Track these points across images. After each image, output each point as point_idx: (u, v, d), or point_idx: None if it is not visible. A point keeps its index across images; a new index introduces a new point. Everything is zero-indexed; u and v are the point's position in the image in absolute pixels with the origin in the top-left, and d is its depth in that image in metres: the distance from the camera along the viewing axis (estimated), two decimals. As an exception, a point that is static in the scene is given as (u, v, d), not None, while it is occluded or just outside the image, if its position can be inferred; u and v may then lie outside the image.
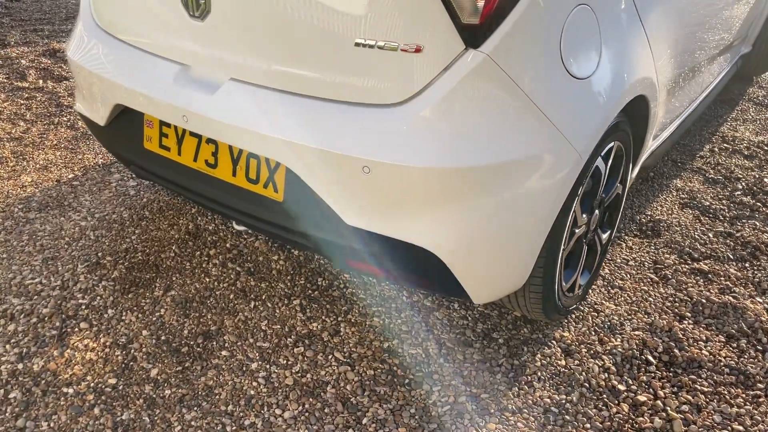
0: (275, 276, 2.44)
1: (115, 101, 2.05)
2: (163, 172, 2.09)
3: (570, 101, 1.65)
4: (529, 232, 1.71)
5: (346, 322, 2.21)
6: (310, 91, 1.66)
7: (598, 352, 2.09)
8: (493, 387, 1.96)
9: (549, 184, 1.67)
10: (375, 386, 1.96)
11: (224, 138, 1.80)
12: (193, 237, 2.65)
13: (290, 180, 1.77)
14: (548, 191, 1.68)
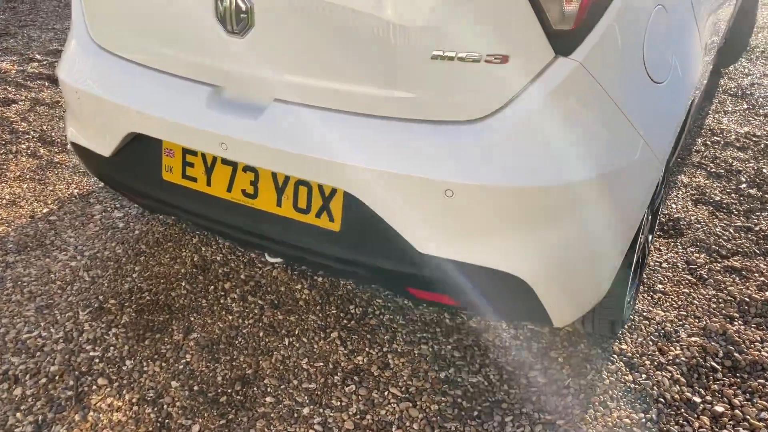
0: (303, 307, 2.25)
1: (129, 129, 1.83)
2: (187, 204, 1.87)
3: (651, 108, 1.56)
4: (613, 245, 1.61)
5: (393, 353, 2.05)
6: (375, 111, 1.50)
7: (662, 363, 2.01)
8: (567, 411, 1.85)
9: (635, 195, 1.57)
10: (443, 422, 1.81)
11: (273, 165, 1.61)
12: (202, 270, 2.43)
13: (349, 208, 1.61)
14: (634, 202, 1.58)
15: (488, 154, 1.41)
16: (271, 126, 1.59)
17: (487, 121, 1.42)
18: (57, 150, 3.36)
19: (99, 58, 1.90)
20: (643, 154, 1.53)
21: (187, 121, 1.70)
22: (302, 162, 1.56)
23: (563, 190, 1.42)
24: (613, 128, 1.46)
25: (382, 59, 1.45)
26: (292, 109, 1.58)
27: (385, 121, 1.49)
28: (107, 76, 1.86)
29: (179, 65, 1.73)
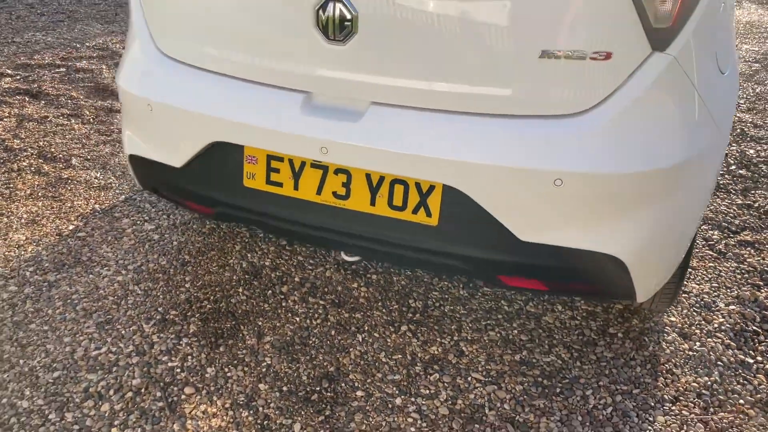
0: (365, 304, 2.31)
1: (213, 139, 1.85)
2: (270, 209, 1.91)
3: (720, 97, 1.72)
4: (692, 221, 1.76)
5: (464, 341, 2.15)
6: (480, 108, 1.59)
7: (711, 331, 2.20)
8: (640, 381, 1.99)
9: (710, 175, 1.73)
10: (531, 401, 1.92)
11: (375, 166, 1.68)
12: (254, 276, 2.45)
13: (448, 202, 1.69)
14: (710, 182, 1.74)
15: (595, 143, 1.53)
16: (373, 128, 1.66)
17: (592, 113, 1.54)
18: (62, 166, 3.28)
19: (170, 68, 1.91)
20: (715, 140, 1.69)
21: (280, 128, 1.74)
22: (407, 161, 1.63)
23: (660, 174, 1.55)
24: (697, 116, 1.61)
25: (489, 59, 1.54)
26: (394, 111, 1.66)
27: (490, 118, 1.59)
28: (184, 87, 1.88)
29: (265, 74, 1.77)
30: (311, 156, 1.73)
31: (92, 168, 3.28)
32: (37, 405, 1.88)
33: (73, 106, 4.05)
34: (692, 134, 1.60)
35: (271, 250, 2.59)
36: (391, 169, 1.67)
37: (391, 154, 1.65)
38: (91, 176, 3.19)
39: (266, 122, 1.76)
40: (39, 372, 1.99)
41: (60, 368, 2.01)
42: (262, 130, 1.76)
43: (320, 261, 2.54)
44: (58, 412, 1.86)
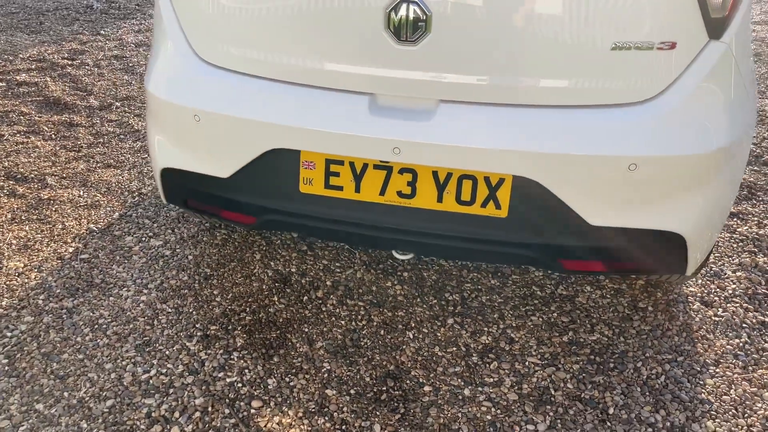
0: (404, 302, 2.33)
1: (270, 146, 1.81)
2: (326, 213, 1.90)
3: (751, 79, 1.87)
4: (733, 196, 1.90)
5: (510, 328, 2.22)
6: (552, 101, 1.66)
7: (728, 297, 2.37)
8: (681, 349, 2.13)
9: (747, 153, 1.88)
10: (591, 378, 2.01)
11: (449, 163, 1.71)
12: (284, 283, 2.41)
13: (518, 193, 1.75)
14: (746, 158, 1.88)
15: (664, 128, 1.63)
16: (446, 126, 1.69)
17: (659, 99, 1.64)
18: (37, 186, 3.08)
19: (214, 76, 1.86)
20: (752, 119, 1.84)
21: (345, 130, 1.73)
22: (481, 155, 1.68)
23: (719, 154, 1.68)
24: (742, 98, 1.75)
25: (562, 53, 1.61)
26: (464, 108, 1.69)
27: (565, 109, 1.66)
28: (234, 94, 1.83)
29: (326, 77, 1.76)
30: (380, 157, 1.74)
31: (72, 186, 3.10)
32: (100, 437, 1.79)
33: (28, 122, 3.80)
34: (740, 115, 1.74)
35: (293, 257, 2.56)
36: (463, 164, 1.71)
37: (465, 150, 1.68)
38: (74, 195, 3.02)
39: (329, 126, 1.75)
40: (89, 403, 1.89)
41: (112, 396, 1.91)
42: (324, 134, 1.75)
43: (347, 263, 2.53)
44: (126, 441, 1.78)
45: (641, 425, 1.85)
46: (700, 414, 1.89)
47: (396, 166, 1.80)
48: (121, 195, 3.03)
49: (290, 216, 1.95)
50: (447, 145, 1.69)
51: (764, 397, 1.95)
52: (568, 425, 1.85)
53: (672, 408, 1.90)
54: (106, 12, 6.38)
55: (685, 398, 1.94)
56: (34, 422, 1.83)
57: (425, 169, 1.78)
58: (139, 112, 4.02)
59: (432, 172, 1.79)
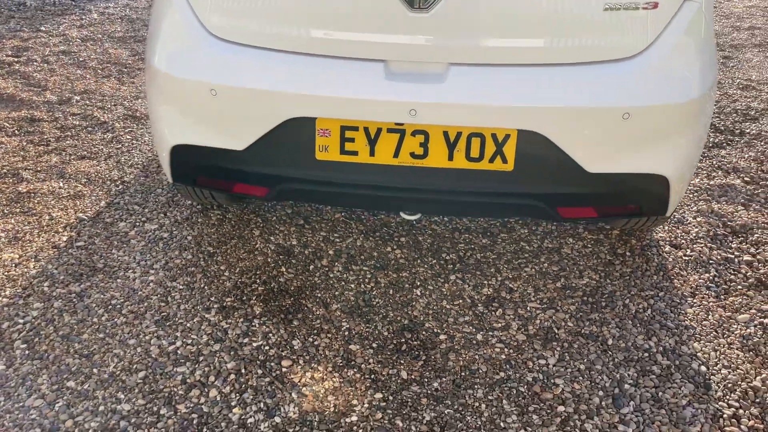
0: (406, 264, 2.47)
1: (287, 116, 1.91)
2: (345, 178, 2.01)
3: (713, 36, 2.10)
4: (704, 141, 2.13)
5: (508, 280, 2.39)
6: (554, 59, 1.83)
7: (693, 239, 2.63)
8: (661, 285, 2.36)
9: (714, 101, 2.11)
10: (587, 316, 2.21)
11: (462, 121, 1.85)
12: (288, 255, 2.50)
13: (523, 147, 1.92)
14: (713, 106, 2.12)
15: (652, 80, 1.83)
16: (458, 87, 1.83)
17: (645, 54, 1.84)
18: (12, 180, 3.03)
19: (227, 50, 1.93)
20: (716, 71, 2.08)
21: (361, 96, 1.85)
22: (492, 112, 1.83)
23: (697, 102, 1.90)
24: (711, 51, 1.98)
25: (562, 15, 1.78)
26: (474, 70, 1.84)
27: (564, 66, 1.83)
28: (249, 68, 1.91)
29: (339, 46, 1.87)
30: (396, 119, 1.87)
31: (49, 179, 3.06)
32: (141, 405, 1.84)
33: (-15, 120, 3.70)
34: (711, 67, 1.96)
35: (291, 231, 2.65)
36: (472, 122, 1.86)
37: (475, 108, 1.84)
38: (54, 187, 2.99)
39: (344, 92, 1.86)
40: (121, 376, 1.94)
41: (143, 368, 1.97)
42: (340, 100, 1.87)
43: (345, 233, 2.65)
44: (168, 406, 1.84)
45: (638, 351, 2.06)
46: (687, 338, 2.12)
47: (409, 128, 1.93)
48: (103, 185, 3.02)
49: (306, 183, 2.05)
50: (458, 104, 1.84)
51: (738, 320, 2.20)
52: (575, 357, 2.04)
53: (662, 335, 2.13)
54: (41, 8, 6.18)
55: (671, 326, 2.17)
56: (68, 398, 1.86)
57: (437, 129, 1.92)
58: (102, 105, 3.97)
59: (443, 132, 1.93)
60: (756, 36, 6.05)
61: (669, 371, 1.98)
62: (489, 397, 1.88)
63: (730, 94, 4.42)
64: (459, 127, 1.90)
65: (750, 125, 3.85)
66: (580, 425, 1.80)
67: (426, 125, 1.91)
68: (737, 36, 6.04)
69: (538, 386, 1.92)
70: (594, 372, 1.98)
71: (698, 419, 1.81)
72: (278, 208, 2.82)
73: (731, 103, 4.25)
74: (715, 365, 2.01)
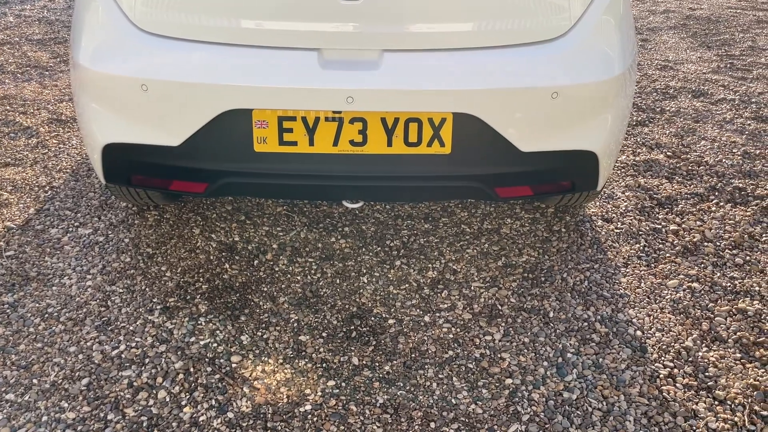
0: (351, 253, 2.49)
1: (222, 108, 1.88)
2: (281, 169, 2.01)
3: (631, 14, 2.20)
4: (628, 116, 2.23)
5: (451, 261, 2.44)
6: (484, 42, 1.88)
7: (623, 213, 2.75)
8: (596, 258, 2.46)
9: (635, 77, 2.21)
10: (528, 291, 2.29)
11: (399, 106, 1.88)
12: (230, 251, 2.48)
13: (459, 130, 1.96)
14: (634, 82, 2.22)
15: (578, 59, 1.91)
16: (392, 73, 1.86)
17: (570, 34, 1.91)
18: (-69, 193, 2.88)
19: (156, 44, 1.89)
20: (635, 47, 2.18)
21: (297, 85, 1.85)
22: (427, 97, 1.87)
23: (620, 78, 1.98)
24: (630, 29, 2.07)
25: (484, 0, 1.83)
26: (406, 56, 1.87)
27: (495, 49, 1.89)
28: (179, 61, 1.88)
29: (271, 36, 1.86)
30: (333, 108, 1.88)
31: (-29, 189, 2.93)
32: (86, 412, 1.79)
33: None
34: (630, 44, 2.06)
35: (233, 227, 2.62)
36: (409, 107, 1.89)
37: (410, 93, 1.87)
38: (-23, 197, 2.86)
39: (280, 82, 1.86)
40: (64, 384, 1.88)
41: (86, 375, 1.91)
42: (276, 90, 1.86)
43: (288, 226, 2.64)
44: (115, 411, 1.80)
45: (578, 321, 2.15)
46: (622, 305, 2.22)
47: (347, 116, 1.95)
48: (30, 191, 2.91)
49: (245, 177, 2.04)
50: (394, 90, 1.86)
51: (668, 285, 2.32)
52: (519, 331, 2.10)
53: (599, 305, 2.22)
54: (-52, 13, 5.86)
55: (607, 295, 2.27)
56: (9, 411, 1.79)
57: (374, 115, 1.94)
58: (24, 109, 3.81)
59: (381, 118, 1.95)
60: (671, 19, 6.34)
61: (607, 338, 2.07)
62: (439, 376, 1.93)
63: (650, 74, 4.63)
64: (396, 113, 1.93)
65: (669, 103, 4.05)
66: (528, 395, 1.86)
67: (363, 112, 1.93)
68: (653, 19, 6.32)
69: (486, 361, 1.98)
70: (538, 344, 2.05)
71: (637, 381, 1.91)
72: (218, 205, 2.79)
73: (651, 83, 4.45)
74: (649, 329, 2.11)
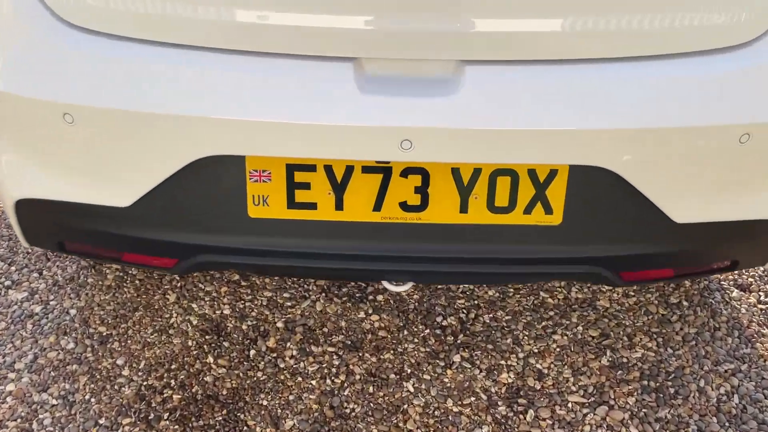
0: (388, 338, 1.74)
1: (197, 154, 1.14)
2: (291, 245, 1.27)
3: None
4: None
5: (533, 356, 1.70)
6: (621, 50, 1.12)
7: (762, 277, 2.00)
8: (741, 354, 1.72)
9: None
10: (655, 413, 1.55)
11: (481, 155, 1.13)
12: (218, 334, 1.75)
13: (576, 191, 1.21)
14: None
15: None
16: (477, 100, 1.11)
17: (763, 41, 1.15)
18: None
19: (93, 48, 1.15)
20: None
21: (325, 119, 1.11)
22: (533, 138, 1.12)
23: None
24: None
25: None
26: (499, 71, 1.12)
27: (636, 63, 1.13)
28: (129, 75, 1.13)
29: (276, 37, 1.11)
30: (378, 156, 1.13)
31: None
32: None
33: None
34: None
35: (222, 292, 1.89)
36: (500, 155, 1.14)
37: (506, 134, 1.11)
38: None
39: (293, 115, 1.11)
40: None
41: None
42: (283, 126, 1.11)
43: (298, 292, 1.90)
44: None
45: (741, 474, 1.41)
46: (800, 443, 1.48)
47: (397, 166, 1.20)
48: None
49: (234, 254, 1.30)
50: (477, 129, 1.11)
51: None
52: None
53: (765, 440, 1.48)
54: None
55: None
56: None
57: (442, 167, 1.20)
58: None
59: (452, 169, 1.20)
60: None
61: None
62: None
63: None
64: (477, 163, 1.18)
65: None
66: None
67: (425, 163, 1.19)
68: None
69: None
70: None
71: None
72: (203, 255, 2.05)
73: None
74: None
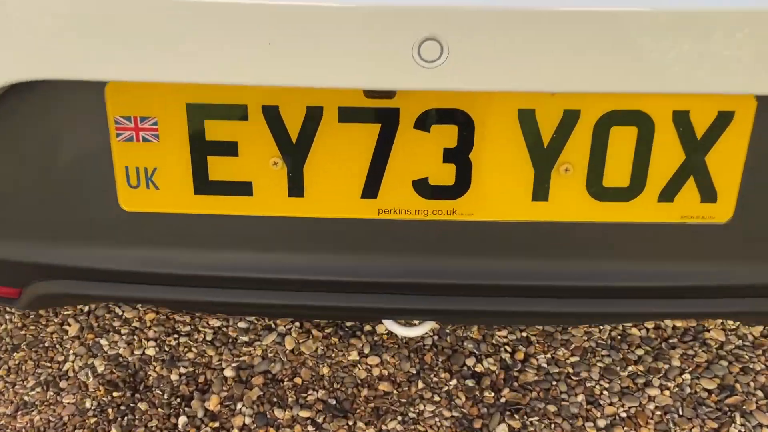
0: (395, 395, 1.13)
1: (18, 75, 0.55)
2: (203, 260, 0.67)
3: None
4: None
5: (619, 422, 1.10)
6: None
7: None
8: None
9: None
10: None
11: (604, 79, 0.53)
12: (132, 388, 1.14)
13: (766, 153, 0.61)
14: None
15: None
16: None
17: None
18: None
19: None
20: None
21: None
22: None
23: None
24: None
25: None
26: None
27: None
28: None
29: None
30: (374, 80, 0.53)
31: None
32: None
33: None
34: None
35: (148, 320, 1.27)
36: (628, 79, 0.53)
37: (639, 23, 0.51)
38: None
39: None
40: None
41: None
42: (179, 9, 0.51)
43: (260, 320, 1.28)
44: None
45: None
46: None
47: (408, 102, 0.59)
48: None
49: (100, 278, 0.69)
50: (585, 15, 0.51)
51: None
52: None
53: None
54: None
55: None
56: None
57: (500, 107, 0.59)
58: None
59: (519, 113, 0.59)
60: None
61: None
62: None
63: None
64: (574, 97, 0.58)
65: None
66: None
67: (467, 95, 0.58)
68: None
69: None
70: None
71: None
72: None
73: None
74: None
